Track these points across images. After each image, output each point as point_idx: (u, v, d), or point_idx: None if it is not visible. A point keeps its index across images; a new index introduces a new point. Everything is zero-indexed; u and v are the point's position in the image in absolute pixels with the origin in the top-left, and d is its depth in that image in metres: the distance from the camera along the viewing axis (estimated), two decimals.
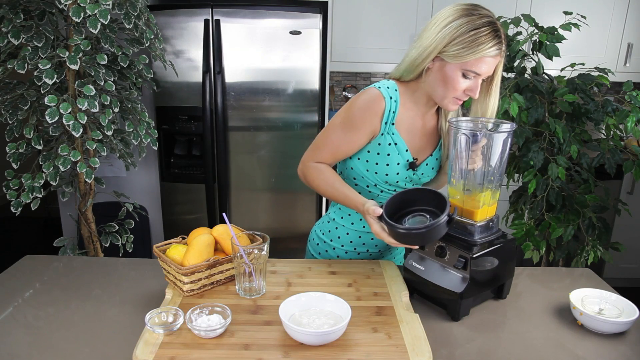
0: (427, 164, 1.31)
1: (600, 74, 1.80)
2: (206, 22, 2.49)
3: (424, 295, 1.18)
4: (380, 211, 1.10)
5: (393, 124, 1.23)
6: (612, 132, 1.81)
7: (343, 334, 0.97)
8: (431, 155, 1.31)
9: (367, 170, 1.28)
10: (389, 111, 1.21)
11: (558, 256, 1.93)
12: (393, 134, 1.24)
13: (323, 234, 1.44)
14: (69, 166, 1.81)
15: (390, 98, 1.21)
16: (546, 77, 1.90)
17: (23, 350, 0.97)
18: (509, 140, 1.09)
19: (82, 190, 1.99)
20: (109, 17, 1.72)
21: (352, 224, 1.38)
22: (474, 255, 1.06)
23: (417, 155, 1.29)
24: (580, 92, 1.76)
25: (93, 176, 1.90)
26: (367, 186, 1.31)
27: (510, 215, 2.04)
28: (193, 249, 1.13)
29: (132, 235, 2.20)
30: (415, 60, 1.18)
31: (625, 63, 3.02)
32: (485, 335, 1.06)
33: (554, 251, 1.94)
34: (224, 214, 1.19)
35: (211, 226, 1.25)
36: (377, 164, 1.26)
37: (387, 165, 1.25)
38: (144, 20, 1.93)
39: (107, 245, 2.11)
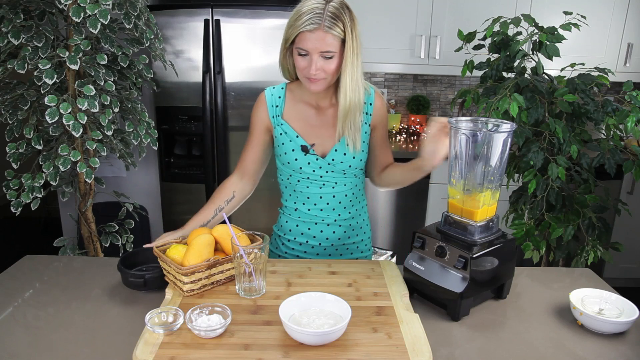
0: (336, 150, 1.36)
1: (600, 74, 1.79)
2: (206, 22, 2.49)
3: (424, 295, 1.18)
4: None
5: (279, 116, 1.36)
6: (612, 132, 1.81)
7: (343, 334, 0.97)
8: (339, 142, 1.35)
9: (282, 164, 1.40)
10: (272, 106, 1.36)
11: (558, 256, 1.93)
12: (282, 124, 1.36)
13: (277, 229, 1.53)
14: (69, 166, 1.80)
15: (272, 95, 1.37)
16: (546, 77, 1.90)
17: (23, 350, 0.97)
18: (509, 140, 1.09)
19: (82, 190, 1.99)
20: (109, 17, 1.72)
21: (296, 209, 1.43)
22: (474, 255, 1.06)
23: (317, 141, 1.36)
24: (580, 92, 1.76)
25: (93, 176, 1.90)
26: (288, 178, 1.42)
27: (510, 215, 2.04)
28: (193, 249, 1.13)
29: (132, 235, 2.20)
30: (280, 59, 1.32)
31: (625, 63, 3.01)
32: (485, 335, 1.06)
33: (554, 251, 1.94)
34: (224, 214, 1.19)
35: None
36: (280, 155, 1.39)
37: (285, 153, 1.37)
38: (144, 20, 1.93)
39: (107, 245, 2.11)
